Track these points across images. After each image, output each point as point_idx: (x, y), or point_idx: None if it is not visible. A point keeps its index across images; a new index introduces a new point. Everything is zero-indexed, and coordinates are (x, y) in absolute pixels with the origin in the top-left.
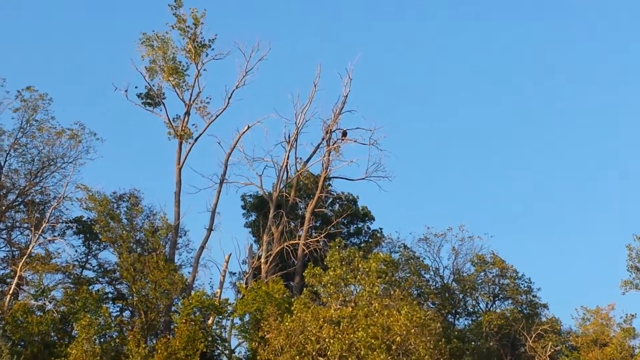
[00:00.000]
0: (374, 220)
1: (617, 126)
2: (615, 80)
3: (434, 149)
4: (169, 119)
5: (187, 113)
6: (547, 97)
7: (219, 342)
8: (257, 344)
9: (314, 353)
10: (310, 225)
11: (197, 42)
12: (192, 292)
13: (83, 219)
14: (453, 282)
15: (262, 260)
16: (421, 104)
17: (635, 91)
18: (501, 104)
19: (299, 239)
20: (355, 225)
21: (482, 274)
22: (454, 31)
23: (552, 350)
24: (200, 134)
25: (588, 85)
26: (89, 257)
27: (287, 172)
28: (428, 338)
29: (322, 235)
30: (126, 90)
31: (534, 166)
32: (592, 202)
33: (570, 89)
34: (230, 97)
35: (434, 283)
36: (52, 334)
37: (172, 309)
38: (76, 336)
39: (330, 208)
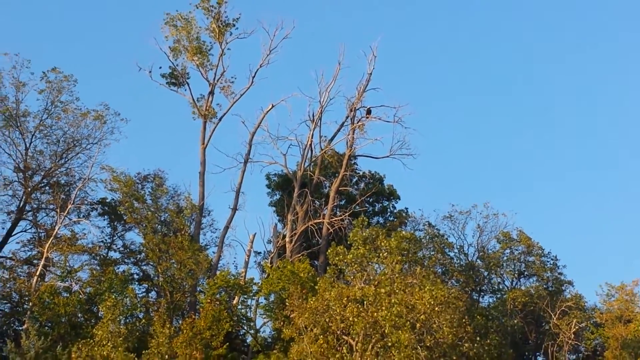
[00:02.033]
0: (399, 199)
1: None
2: None
3: (459, 126)
4: (193, 99)
5: (211, 92)
6: (577, 68)
7: (244, 321)
8: (281, 323)
9: (338, 332)
10: (335, 204)
11: (221, 21)
12: (217, 272)
13: (108, 200)
14: (478, 260)
15: (287, 239)
16: (445, 80)
17: None
18: (528, 80)
19: (324, 218)
20: (381, 204)
21: (508, 251)
22: (479, 7)
23: (577, 327)
24: (225, 114)
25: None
26: (114, 238)
27: (312, 151)
28: (452, 316)
29: (347, 214)
30: (150, 71)
31: (560, 143)
32: (618, 178)
33: (599, 60)
34: (254, 76)
35: (459, 261)
36: (79, 314)
37: (198, 289)
38: (102, 317)
39: (355, 187)
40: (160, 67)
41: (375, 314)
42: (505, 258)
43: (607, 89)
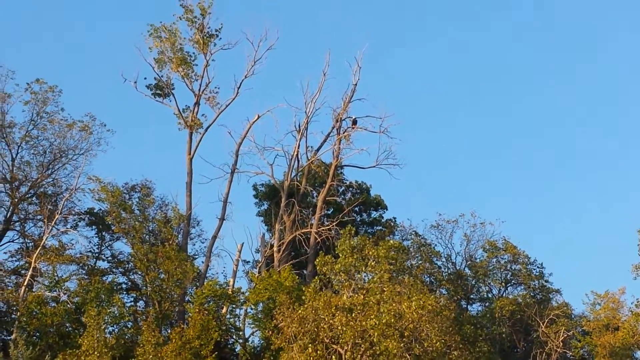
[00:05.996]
0: (387, 209)
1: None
2: None
3: (445, 136)
4: (178, 110)
5: (197, 103)
6: (564, 74)
7: (233, 331)
8: (270, 332)
9: (327, 340)
10: (323, 213)
11: (204, 32)
12: (205, 282)
13: (95, 211)
14: (465, 269)
15: (275, 248)
16: (431, 91)
17: None
18: (512, 93)
19: (311, 227)
20: (368, 214)
21: (494, 260)
22: (462, 17)
23: (565, 336)
24: (210, 124)
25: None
26: (102, 248)
27: (298, 161)
28: (440, 324)
29: (334, 224)
30: (135, 82)
31: (546, 152)
32: (604, 187)
33: (586, 63)
34: (239, 87)
35: (446, 270)
36: (67, 324)
37: (186, 299)
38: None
39: (342, 197)
40: (145, 78)
41: (364, 322)
42: (492, 267)
43: (594, 97)
